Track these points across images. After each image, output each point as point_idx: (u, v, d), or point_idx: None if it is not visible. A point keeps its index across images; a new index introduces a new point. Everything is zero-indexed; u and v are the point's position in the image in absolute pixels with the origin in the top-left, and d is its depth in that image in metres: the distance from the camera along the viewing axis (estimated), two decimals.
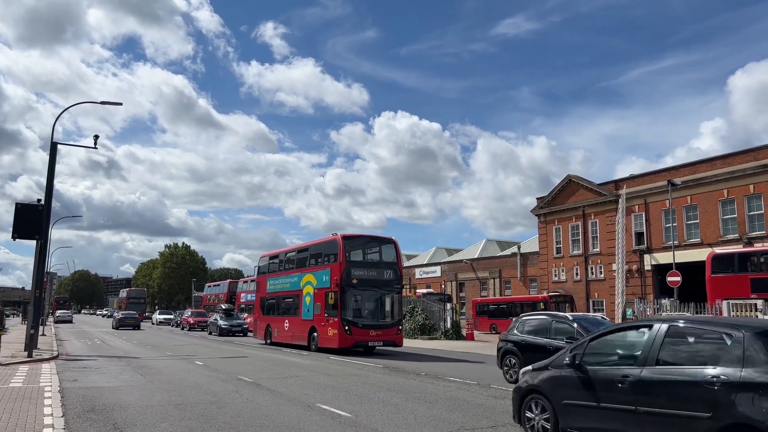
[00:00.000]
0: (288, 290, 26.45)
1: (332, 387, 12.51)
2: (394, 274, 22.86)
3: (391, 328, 22.26)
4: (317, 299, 23.05)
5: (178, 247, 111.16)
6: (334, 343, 21.48)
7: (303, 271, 25.16)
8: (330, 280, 22.12)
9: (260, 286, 30.47)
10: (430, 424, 8.53)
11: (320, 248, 24.41)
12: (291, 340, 25.47)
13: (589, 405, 6.54)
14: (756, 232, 30.23)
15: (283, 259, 28.56)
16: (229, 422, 8.46)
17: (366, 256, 23.80)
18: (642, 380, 5.98)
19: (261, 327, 29.25)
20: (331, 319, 21.78)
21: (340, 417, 8.96)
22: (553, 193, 43.56)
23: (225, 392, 11.58)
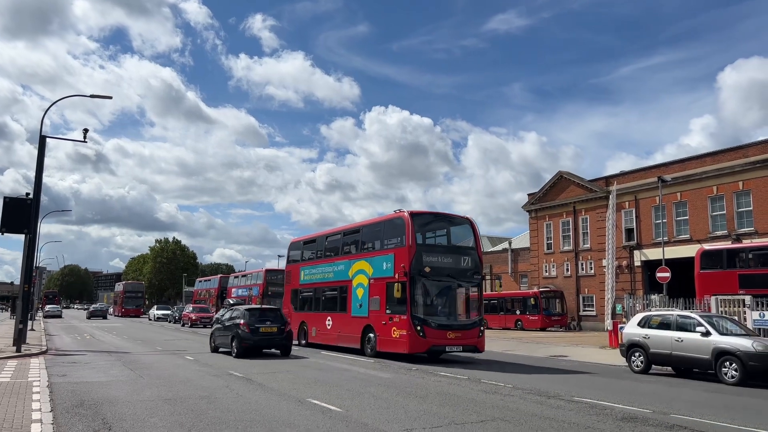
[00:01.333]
0: (331, 281, 22.43)
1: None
2: (472, 262, 18.66)
3: (472, 329, 17.97)
4: (374, 292, 19.09)
5: (168, 242, 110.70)
6: (403, 347, 17.44)
7: (352, 257, 21.02)
8: (394, 268, 18.11)
9: (291, 277, 26.07)
10: (420, 418, 8.56)
11: (378, 229, 20.26)
12: (336, 342, 21.36)
13: None
14: (744, 228, 30.48)
15: (324, 244, 24.23)
16: (220, 417, 8.45)
17: (438, 238, 20.06)
18: None
19: (293, 324, 24.10)
20: (396, 317, 17.73)
21: (330, 412, 8.97)
22: (544, 189, 43.71)
23: (215, 387, 11.55)
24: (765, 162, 29.73)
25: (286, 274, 26.66)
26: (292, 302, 25.57)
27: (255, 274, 45.73)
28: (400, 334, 17.55)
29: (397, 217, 18.91)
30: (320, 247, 24.46)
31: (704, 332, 14.65)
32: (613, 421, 8.68)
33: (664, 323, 15.98)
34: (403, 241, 18.11)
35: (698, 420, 8.91)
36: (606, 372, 16.38)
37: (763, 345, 13.85)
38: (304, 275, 24.75)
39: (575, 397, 10.95)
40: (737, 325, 15.92)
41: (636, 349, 16.31)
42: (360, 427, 7.88)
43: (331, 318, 21.92)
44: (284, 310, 25.17)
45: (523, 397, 10.95)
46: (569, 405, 10.09)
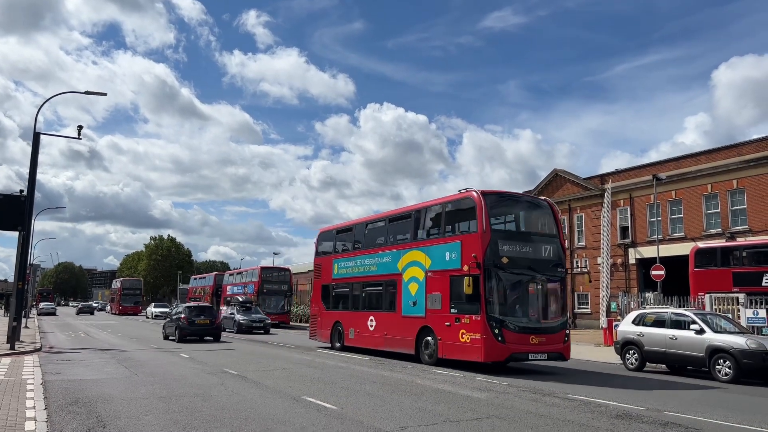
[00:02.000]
0: (373, 275, 19.41)
1: None
2: (554, 252, 15.79)
3: (557, 332, 15.16)
4: (433, 287, 16.20)
5: (163, 240, 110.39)
6: (475, 354, 14.41)
7: (402, 247, 18.11)
8: (461, 258, 15.20)
9: (321, 271, 22.99)
10: (415, 416, 8.56)
11: (437, 212, 17.31)
12: (382, 345, 18.45)
13: None
14: (738, 226, 30.59)
15: (363, 233, 21.07)
16: (215, 415, 8.43)
17: (510, 224, 16.95)
18: None
19: (324, 324, 22.06)
20: (465, 318, 14.81)
21: (326, 409, 8.97)
22: (540, 187, 43.77)
23: (210, 385, 11.53)
24: (759, 160, 29.84)
25: (315, 268, 23.65)
26: (322, 299, 22.56)
27: (250, 272, 45.66)
28: (471, 338, 14.56)
29: (464, 197, 15.81)
30: (358, 236, 21.34)
31: (698, 330, 14.72)
32: (608, 418, 8.71)
33: (658, 321, 16.05)
34: (473, 225, 15.18)
35: (692, 417, 8.94)
36: (601, 370, 16.43)
37: (757, 343, 13.91)
38: (338, 269, 21.71)
39: (570, 395, 10.98)
40: (731, 322, 15.99)
41: (630, 347, 16.37)
42: (355, 424, 7.88)
43: (375, 318, 19.03)
44: (312, 308, 23.17)
45: (518, 394, 10.97)
46: (564, 403, 10.11)
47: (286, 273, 45.36)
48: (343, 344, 20.66)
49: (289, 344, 23.43)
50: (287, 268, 48.36)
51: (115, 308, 70.80)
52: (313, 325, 23.23)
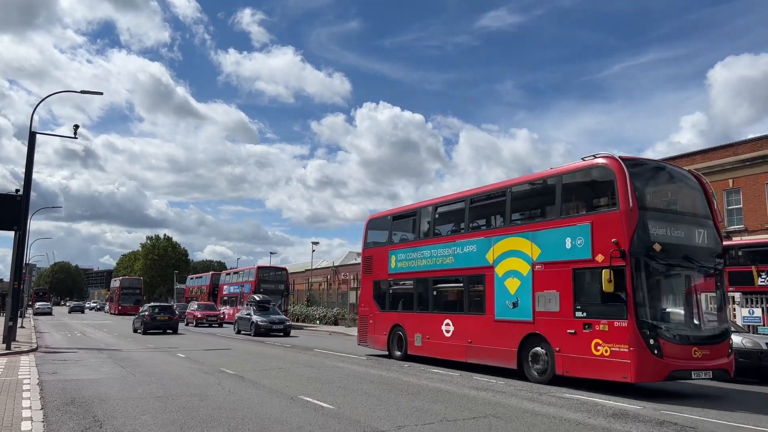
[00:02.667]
0: (450, 268, 15.76)
1: None
2: (710, 237, 12.40)
3: (721, 342, 11.72)
4: (545, 283, 12.64)
5: (159, 239, 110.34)
6: (620, 372, 10.94)
7: (494, 233, 14.52)
8: (592, 245, 11.65)
9: (373, 265, 19.29)
10: (412, 415, 8.57)
11: (551, 187, 13.31)
12: (463, 356, 14.93)
13: None
14: (734, 226, 30.68)
15: (432, 218, 17.33)
16: (211, 414, 8.42)
17: (663, 200, 13.28)
18: None
19: (378, 328, 18.54)
20: (601, 323, 11.30)
21: (323, 409, 8.97)
22: None
23: (207, 384, 11.52)
24: (755, 160, 29.94)
25: (364, 262, 20.17)
26: (375, 299, 18.99)
27: (247, 271, 45.64)
28: (612, 351, 11.10)
29: (594, 166, 12.22)
30: (425, 222, 17.65)
31: None
32: (604, 417, 8.73)
33: None
34: (613, 202, 11.68)
35: (688, 416, 8.98)
36: None
37: (753, 342, 13.97)
38: (398, 262, 18.16)
39: (566, 394, 11.00)
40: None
41: None
42: (352, 424, 7.88)
43: (453, 322, 15.50)
44: (361, 309, 19.79)
45: (515, 393, 10.99)
46: (560, 401, 10.14)
47: (282, 272, 45.35)
48: (406, 352, 17.20)
49: (328, 351, 23.28)
50: (284, 268, 48.35)
51: (114, 308, 69.26)
52: (363, 328, 19.47)
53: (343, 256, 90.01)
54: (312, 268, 72.84)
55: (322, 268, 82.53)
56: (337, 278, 74.46)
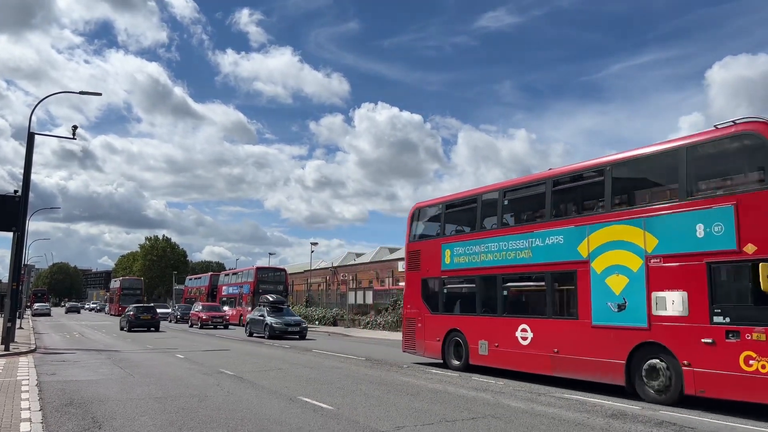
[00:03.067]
0: (527, 264, 13.39)
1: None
2: None
3: None
4: (667, 281, 10.38)
5: (158, 240, 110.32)
6: None
7: (590, 220, 12.08)
8: (737, 232, 9.43)
9: (420, 260, 16.92)
10: (411, 415, 8.57)
11: (680, 158, 10.71)
12: (547, 368, 12.64)
13: None
14: None
15: (501, 205, 14.74)
16: (211, 415, 8.42)
17: None
18: None
19: (430, 333, 16.13)
20: (754, 332, 9.05)
21: (322, 410, 8.97)
22: None
23: (206, 385, 11.52)
24: None
25: (410, 256, 17.62)
26: (424, 299, 16.54)
27: (246, 272, 45.62)
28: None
29: (741, 133, 9.90)
30: (488, 209, 15.13)
31: None
32: (603, 417, 8.74)
33: None
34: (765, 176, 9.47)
35: (686, 416, 8.98)
36: None
37: None
38: (454, 256, 15.60)
39: (565, 394, 11.01)
40: None
41: None
42: (351, 424, 7.88)
43: (531, 327, 13.12)
44: (407, 311, 17.36)
45: (514, 394, 11.00)
46: (559, 402, 10.14)
47: (281, 273, 45.34)
48: (467, 362, 14.77)
49: (328, 352, 23.20)
50: (283, 269, 48.34)
51: (114, 309, 66.94)
52: (409, 333, 16.99)
53: (342, 257, 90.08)
54: (311, 268, 72.86)
55: (321, 268, 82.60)
56: (336, 279, 74.51)
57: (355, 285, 64.62)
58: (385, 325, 34.44)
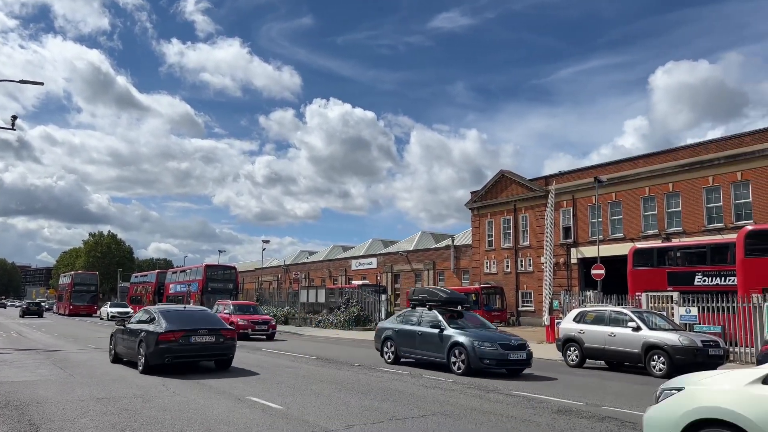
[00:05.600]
0: None
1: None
2: None
3: None
4: None
5: (103, 236, 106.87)
6: None
7: None
8: None
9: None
10: (361, 414, 8.56)
11: None
12: None
13: None
14: (674, 228, 31.95)
15: None
16: (155, 416, 8.19)
17: None
18: None
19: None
20: None
21: (271, 409, 8.85)
22: (486, 188, 44.52)
23: (151, 386, 11.20)
24: (693, 165, 31.25)
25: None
26: None
27: (194, 270, 44.67)
28: None
29: None
30: None
31: (635, 327, 15.28)
32: (549, 413, 8.93)
33: (598, 319, 16.57)
34: None
35: (628, 412, 9.28)
36: (543, 366, 16.82)
37: (689, 339, 14.56)
38: None
39: (513, 391, 11.20)
40: (666, 320, 16.68)
41: (571, 344, 16.85)
42: (301, 424, 7.81)
43: None
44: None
45: (463, 391, 11.12)
46: (507, 399, 10.31)
47: (231, 271, 44.63)
48: None
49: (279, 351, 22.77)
50: (233, 266, 47.58)
51: (64, 308, 59.74)
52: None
53: (294, 255, 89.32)
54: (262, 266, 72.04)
55: (272, 266, 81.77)
56: (288, 277, 73.88)
57: (308, 283, 64.33)
58: (338, 324, 34.35)
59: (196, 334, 13.30)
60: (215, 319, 14.80)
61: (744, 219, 28.37)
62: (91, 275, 65.21)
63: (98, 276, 67.48)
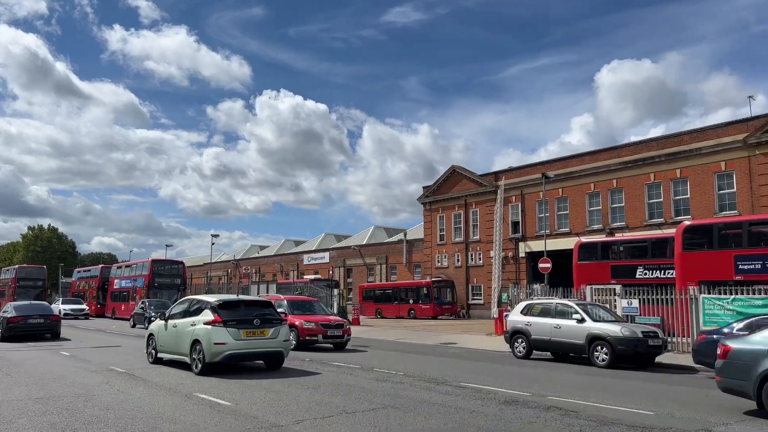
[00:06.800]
0: None
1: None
2: None
3: None
4: None
5: (43, 230, 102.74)
6: None
7: None
8: None
9: None
10: (312, 409, 8.53)
11: None
12: None
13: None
14: (617, 223, 33.05)
15: None
16: (98, 416, 7.95)
17: None
18: None
19: None
20: None
21: (219, 406, 8.72)
22: (438, 183, 44.98)
23: (94, 384, 10.86)
24: (636, 162, 32.37)
25: None
26: None
27: (140, 265, 43.47)
28: None
29: None
30: None
31: (579, 319, 15.75)
32: (497, 404, 9.11)
33: (544, 311, 17.00)
34: None
35: (572, 401, 9.56)
36: (491, 358, 17.17)
37: (630, 330, 15.10)
38: None
39: (462, 383, 11.38)
40: (608, 312, 17.24)
41: (519, 336, 17.23)
42: (249, 420, 7.72)
43: None
44: None
45: (414, 384, 11.22)
46: (456, 390, 10.47)
47: (179, 266, 43.66)
48: None
49: None
50: (181, 261, 46.55)
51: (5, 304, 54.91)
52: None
53: (245, 250, 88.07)
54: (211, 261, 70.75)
55: (222, 261, 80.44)
56: (238, 272, 72.85)
57: (259, 278, 63.56)
58: None
59: (32, 318, 22.37)
60: (47, 309, 24.40)
61: (683, 214, 29.58)
62: (38, 269, 59.50)
63: (46, 270, 61.52)
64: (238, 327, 12.29)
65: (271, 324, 12.80)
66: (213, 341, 12.04)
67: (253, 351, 12.66)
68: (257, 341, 12.54)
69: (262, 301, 14.26)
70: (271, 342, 12.69)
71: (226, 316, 12.38)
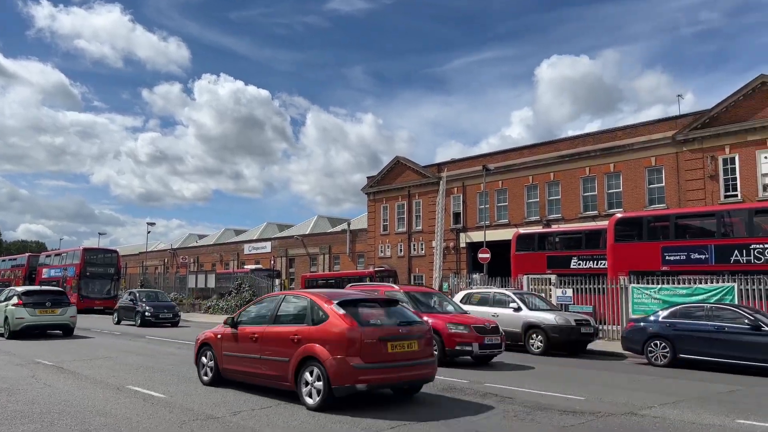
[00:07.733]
0: None
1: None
2: None
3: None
4: None
5: None
6: None
7: None
8: None
9: None
10: (249, 400, 8.41)
11: None
12: None
13: None
14: (553, 215, 34.04)
15: None
16: (22, 410, 7.58)
17: None
18: None
19: None
20: None
21: (153, 398, 8.49)
22: (382, 174, 45.11)
23: (18, 378, 10.36)
24: (572, 156, 33.39)
25: None
26: None
27: (71, 253, 41.73)
28: None
29: None
30: None
31: (516, 308, 16.18)
32: (435, 391, 9.24)
33: (483, 300, 17.36)
34: None
35: (507, 387, 9.81)
36: None
37: (564, 319, 15.64)
38: None
39: None
40: (544, 301, 17.79)
41: None
42: (184, 412, 7.55)
43: None
44: None
45: None
46: None
47: (113, 255, 42.16)
48: None
49: (164, 338, 21.57)
50: (114, 250, 44.99)
51: None
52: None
53: (183, 238, 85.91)
54: (147, 250, 68.64)
55: (158, 250, 78.19)
56: (175, 261, 70.95)
57: (197, 268, 62.14)
58: (228, 309, 33.53)
59: None
60: None
61: (615, 207, 30.75)
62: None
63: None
64: (34, 307, 18.39)
65: (60, 305, 19.03)
66: (15, 317, 18.09)
67: (44, 323, 18.68)
68: (48, 317, 18.66)
69: (56, 290, 20.95)
70: (59, 318, 18.84)
71: (26, 300, 18.54)
